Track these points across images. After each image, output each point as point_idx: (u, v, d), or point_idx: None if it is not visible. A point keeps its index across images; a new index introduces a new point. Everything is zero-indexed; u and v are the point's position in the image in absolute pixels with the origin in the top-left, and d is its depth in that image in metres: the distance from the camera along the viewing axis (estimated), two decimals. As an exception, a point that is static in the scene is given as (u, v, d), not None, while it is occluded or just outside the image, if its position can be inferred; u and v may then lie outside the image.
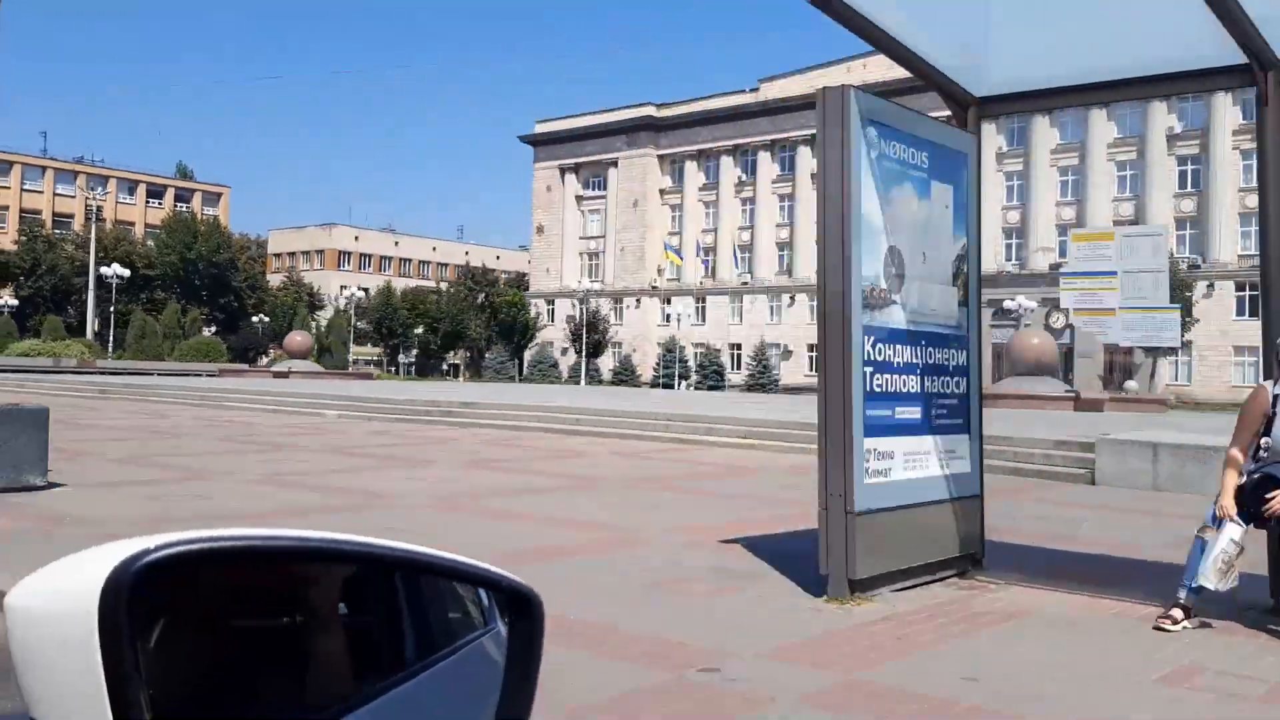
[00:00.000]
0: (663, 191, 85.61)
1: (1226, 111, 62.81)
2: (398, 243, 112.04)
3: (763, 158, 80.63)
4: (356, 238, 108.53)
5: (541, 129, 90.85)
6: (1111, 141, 66.83)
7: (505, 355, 74.68)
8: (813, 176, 77.98)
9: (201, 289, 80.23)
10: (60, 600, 0.85)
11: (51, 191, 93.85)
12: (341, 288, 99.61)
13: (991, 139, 70.43)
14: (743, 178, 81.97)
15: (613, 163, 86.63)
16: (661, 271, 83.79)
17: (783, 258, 79.94)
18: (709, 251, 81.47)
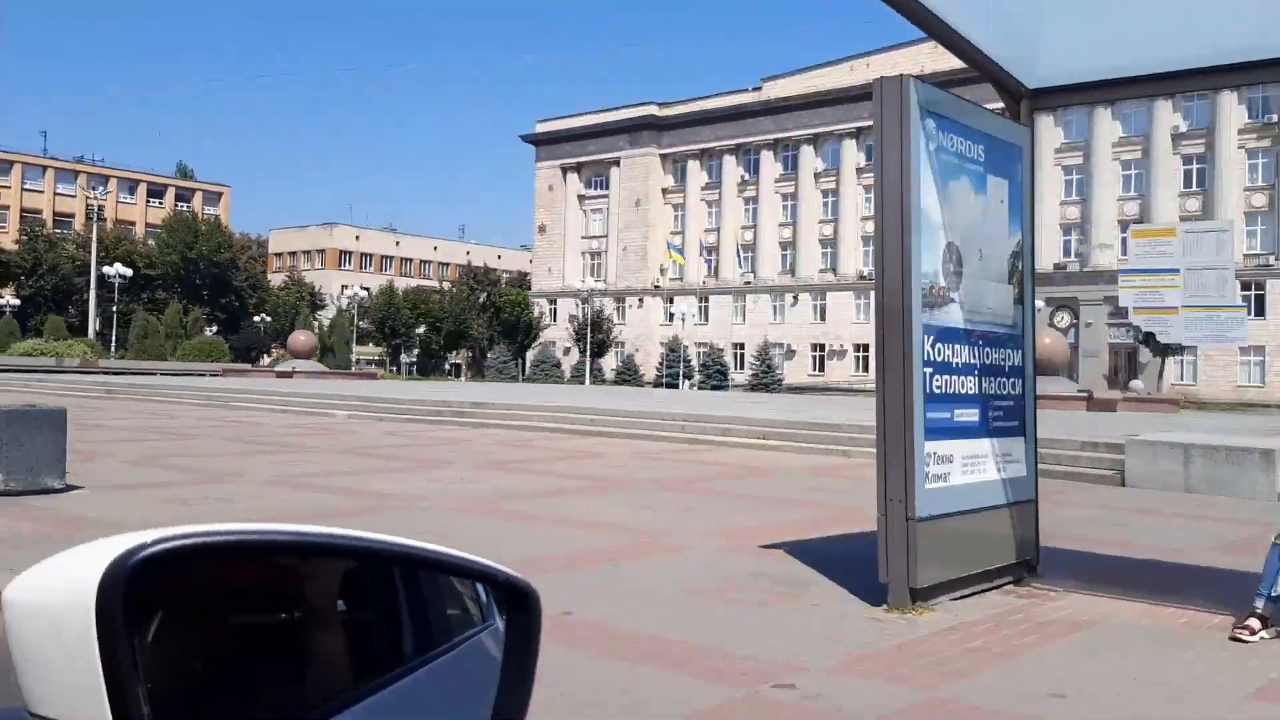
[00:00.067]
0: (665, 191, 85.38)
1: (1232, 110, 62.57)
2: (399, 242, 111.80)
3: (765, 157, 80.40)
4: (357, 237, 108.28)
5: (543, 128, 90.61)
6: (1116, 140, 66.58)
7: (507, 355, 74.39)
8: (816, 176, 78.13)
9: (203, 289, 79.99)
10: (58, 595, 0.84)
11: (52, 191, 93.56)
12: (343, 287, 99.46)
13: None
14: (745, 177, 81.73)
15: (615, 162, 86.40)
16: (664, 271, 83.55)
17: (785, 257, 79.69)
18: (712, 251, 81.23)
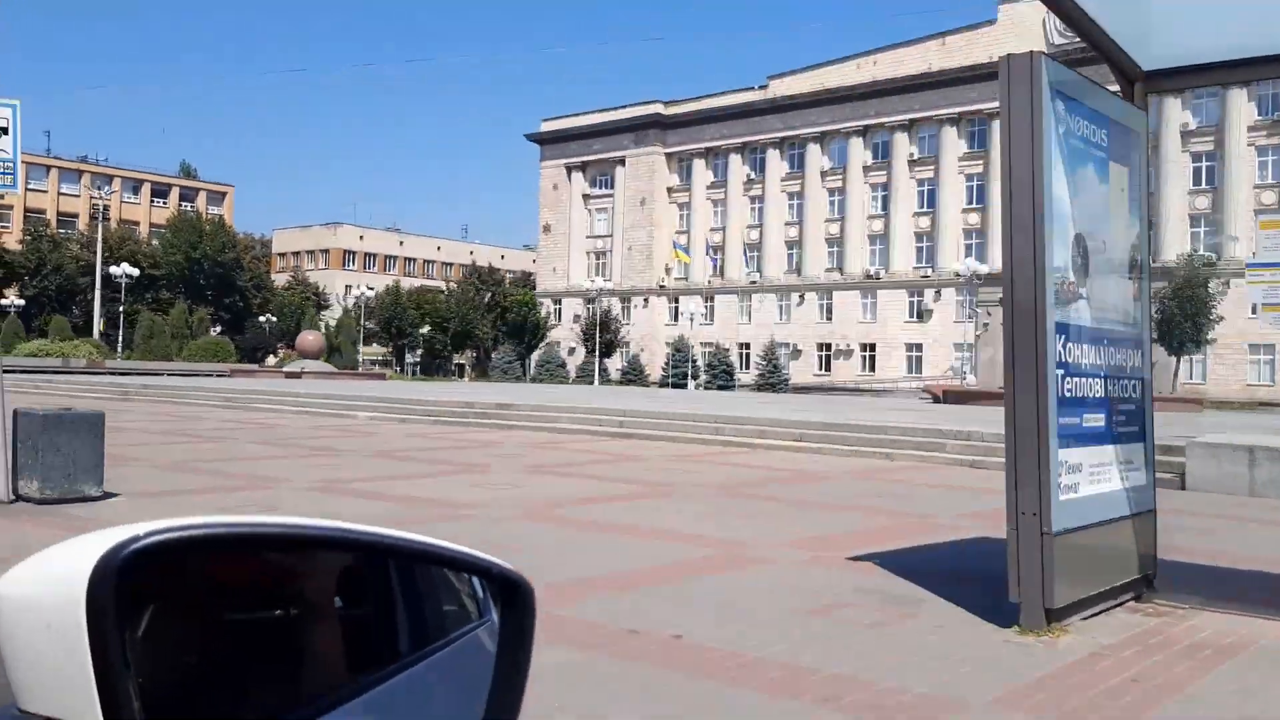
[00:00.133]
0: (670, 190, 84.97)
1: (1241, 107, 62.18)
2: (402, 242, 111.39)
3: (771, 155, 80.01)
4: (361, 237, 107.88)
5: (548, 127, 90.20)
6: (1126, 138, 66.11)
7: (512, 355, 73.96)
8: (822, 174, 77.71)
9: (207, 289, 79.59)
10: (49, 588, 0.83)
11: (56, 191, 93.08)
12: (346, 287, 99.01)
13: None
14: (751, 176, 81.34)
15: (620, 161, 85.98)
16: (669, 271, 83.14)
17: (792, 256, 79.30)
18: (717, 250, 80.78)
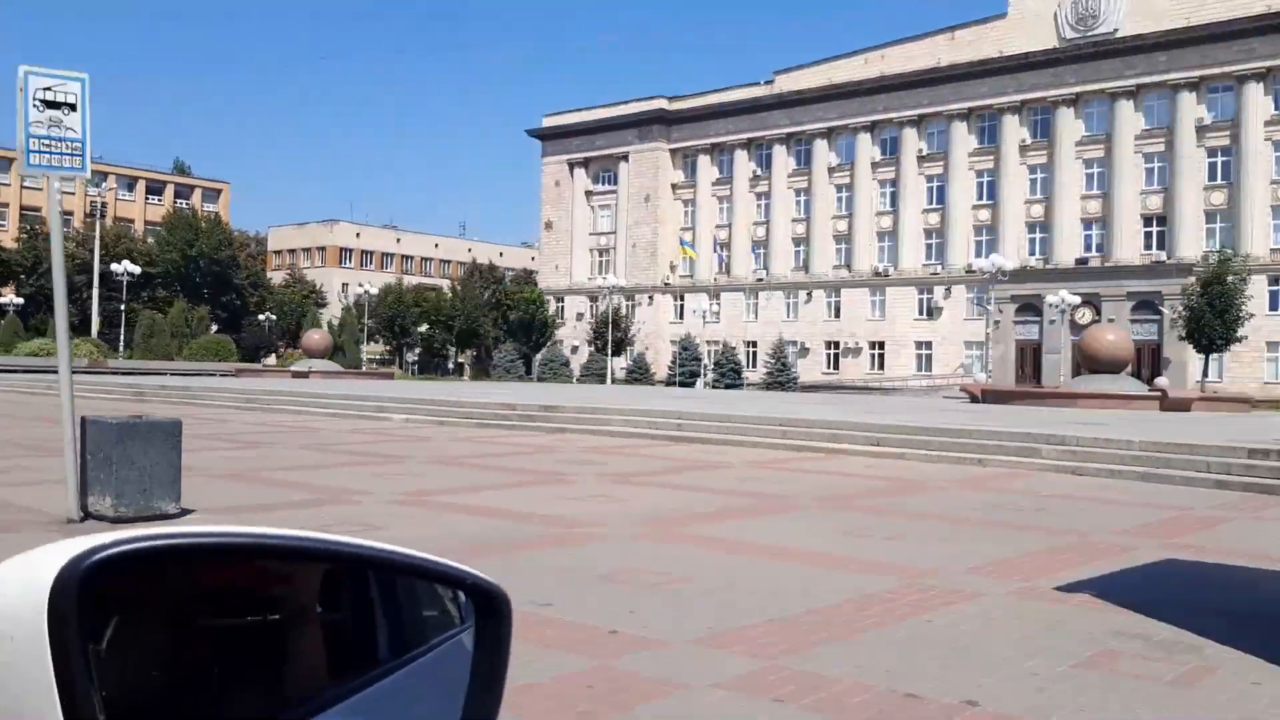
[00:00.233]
0: (675, 186, 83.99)
1: (1258, 102, 61.45)
2: (399, 239, 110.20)
3: (778, 151, 79.05)
4: (358, 235, 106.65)
5: (550, 123, 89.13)
6: (1139, 133, 65.38)
7: (514, 354, 72.96)
8: (829, 170, 76.77)
9: (203, 287, 78.41)
10: (9, 599, 0.82)
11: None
12: (344, 285, 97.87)
13: (1015, 131, 69.13)
14: (758, 172, 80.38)
15: (623, 157, 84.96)
16: (674, 268, 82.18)
17: (799, 253, 78.38)
18: (723, 247, 79.82)
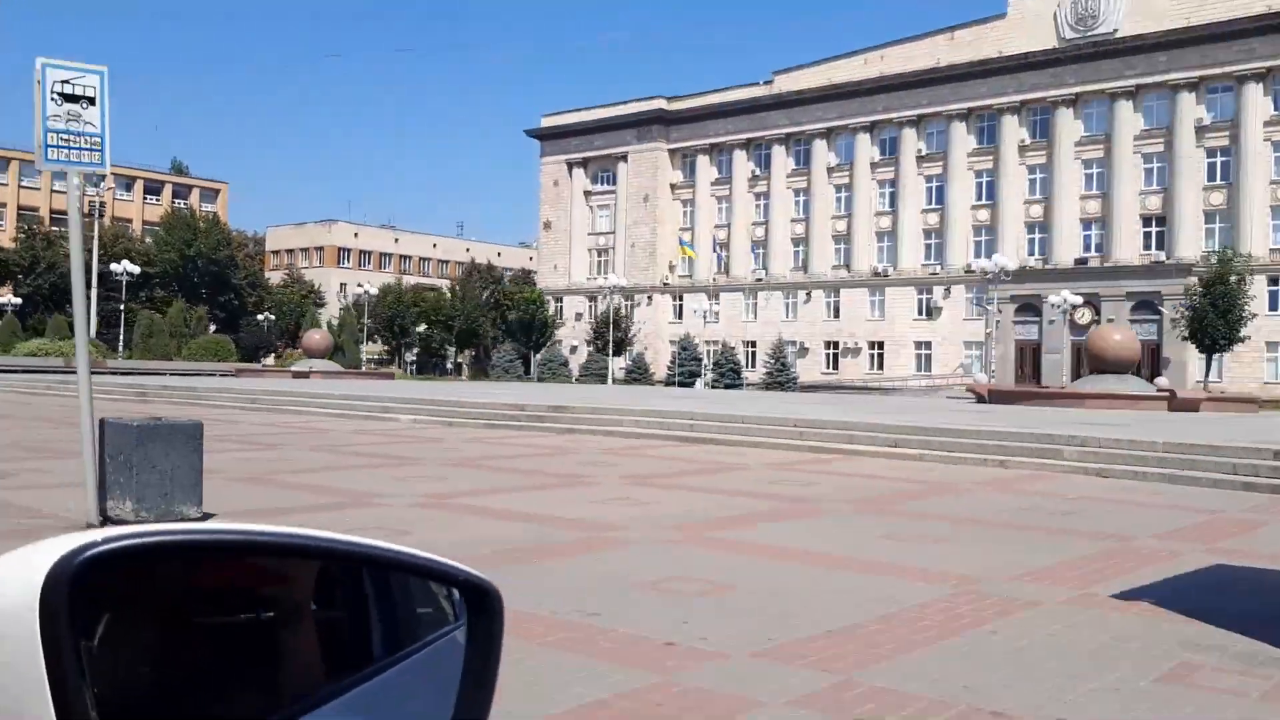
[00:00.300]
0: (674, 186, 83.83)
1: (1258, 102, 61.36)
2: (398, 239, 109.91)
3: (777, 151, 78.90)
4: (356, 234, 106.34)
5: (548, 123, 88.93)
6: (1138, 133, 65.30)
7: (513, 354, 72.70)
8: (829, 170, 76.67)
9: (201, 287, 78.12)
10: (2, 595, 0.82)
11: (49, 188, 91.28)
12: (341, 285, 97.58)
13: (1014, 131, 69.04)
14: (756, 172, 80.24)
15: (622, 157, 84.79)
16: (673, 268, 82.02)
17: (798, 254, 78.25)
18: (723, 247, 79.63)
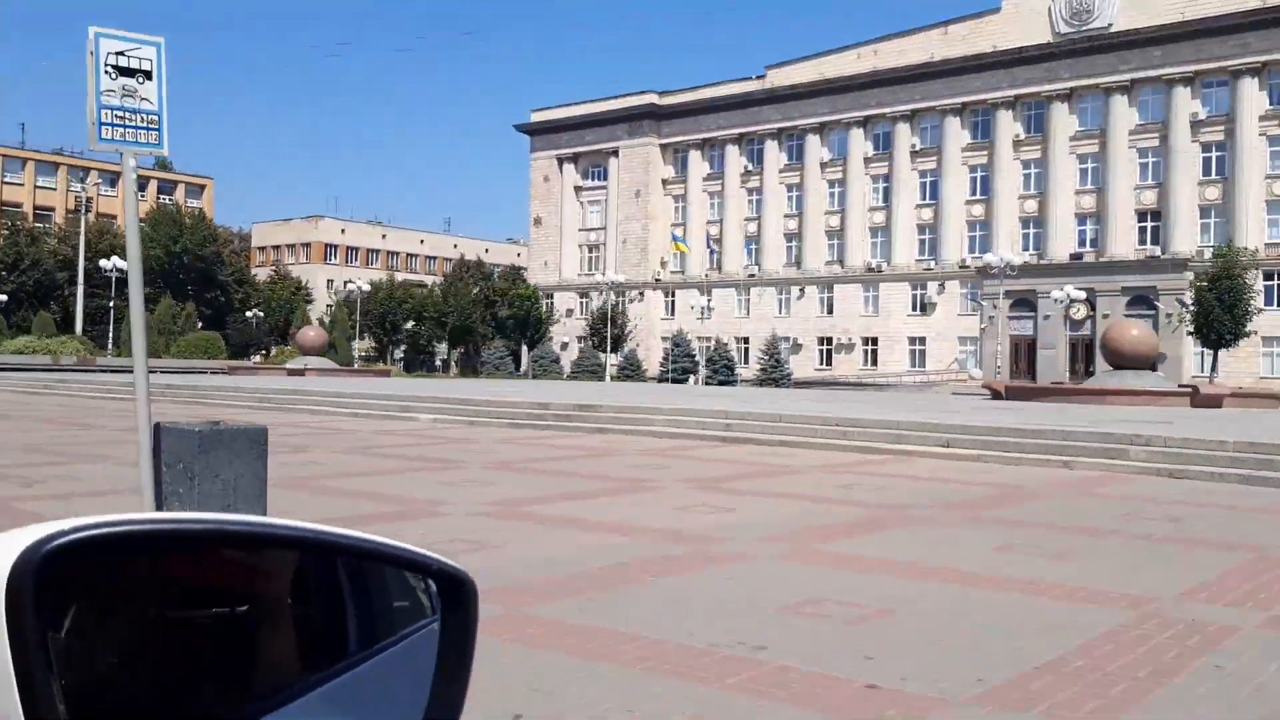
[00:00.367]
0: (665, 182, 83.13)
1: (1253, 97, 61.15)
2: (385, 235, 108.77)
3: (770, 146, 78.33)
4: (343, 230, 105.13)
5: (538, 118, 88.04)
6: (1133, 128, 65.03)
7: (504, 350, 71.90)
8: (822, 165, 76.19)
9: (187, 283, 76.89)
10: None
11: (33, 184, 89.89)
12: (329, 281, 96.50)
13: (1009, 126, 68.69)
14: (749, 167, 79.65)
15: (613, 152, 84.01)
16: (665, 264, 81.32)
17: (791, 249, 77.70)
18: (716, 242, 79.02)
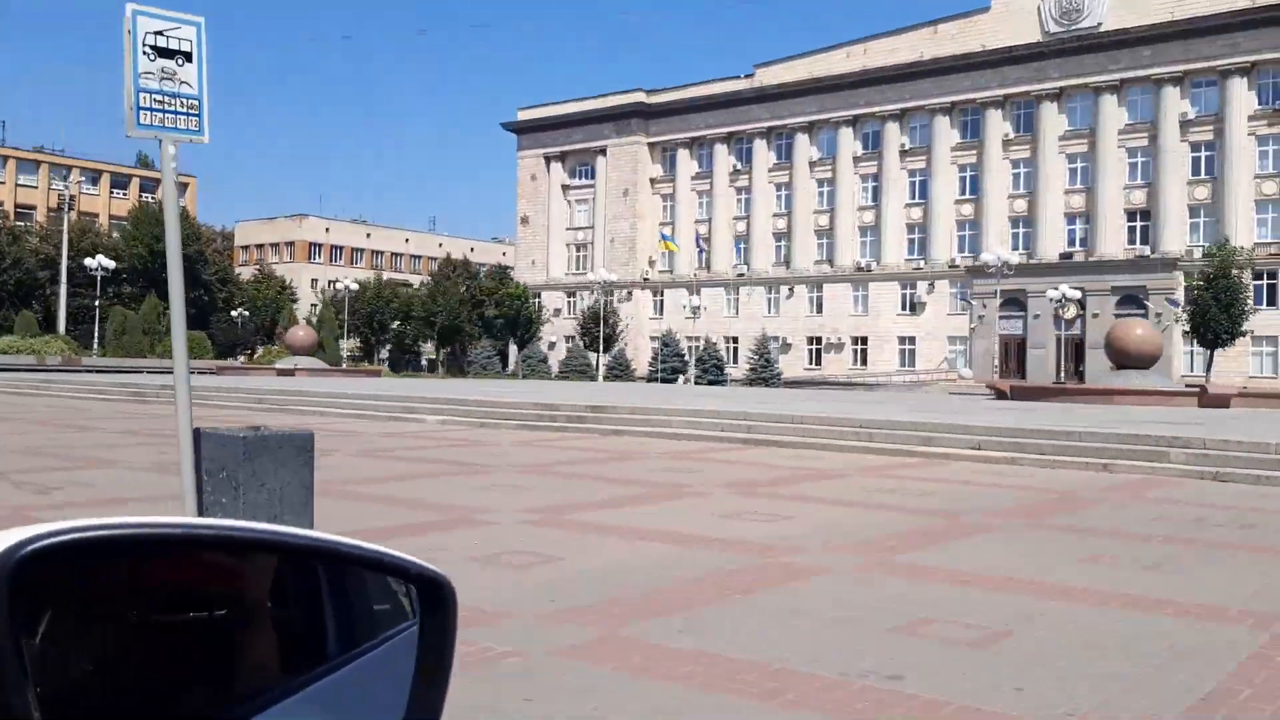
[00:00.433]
0: (654, 180, 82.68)
1: (1242, 97, 61.20)
2: (369, 234, 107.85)
3: (759, 145, 77.98)
4: (328, 229, 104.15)
5: (525, 116, 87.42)
6: (1123, 127, 65.01)
7: (491, 350, 71.30)
8: (811, 164, 75.91)
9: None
10: None
11: (13, 182, 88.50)
12: (313, 280, 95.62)
13: (998, 125, 68.57)
14: (738, 166, 79.30)
15: (601, 151, 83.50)
16: (653, 263, 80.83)
17: (780, 248, 77.40)
18: (705, 241, 78.62)
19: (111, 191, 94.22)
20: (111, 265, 55.64)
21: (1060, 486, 12.04)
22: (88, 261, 54.09)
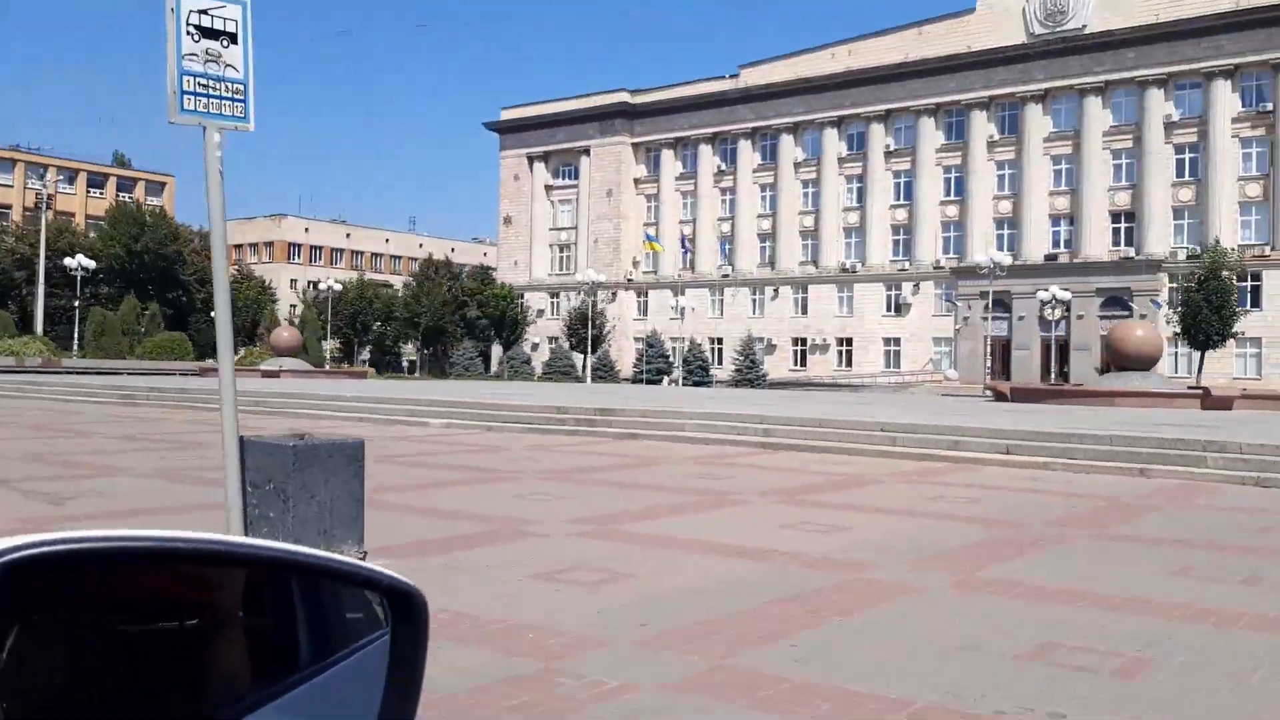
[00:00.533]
0: (638, 181, 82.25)
1: (1226, 99, 61.35)
2: (349, 235, 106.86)
3: (743, 146, 77.69)
4: (307, 229, 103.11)
5: (508, 116, 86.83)
6: (1107, 129, 65.09)
7: (474, 351, 70.66)
8: (796, 165, 75.69)
9: (148, 283, 74.78)
10: None
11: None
12: (293, 280, 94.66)
13: (983, 127, 68.54)
14: (722, 167, 78.98)
15: (584, 151, 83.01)
16: (637, 264, 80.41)
17: (765, 249, 77.14)
18: (690, 242, 78.25)
19: (88, 190, 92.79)
20: (92, 265, 54.60)
21: (1102, 492, 11.70)
22: (68, 262, 53.08)
